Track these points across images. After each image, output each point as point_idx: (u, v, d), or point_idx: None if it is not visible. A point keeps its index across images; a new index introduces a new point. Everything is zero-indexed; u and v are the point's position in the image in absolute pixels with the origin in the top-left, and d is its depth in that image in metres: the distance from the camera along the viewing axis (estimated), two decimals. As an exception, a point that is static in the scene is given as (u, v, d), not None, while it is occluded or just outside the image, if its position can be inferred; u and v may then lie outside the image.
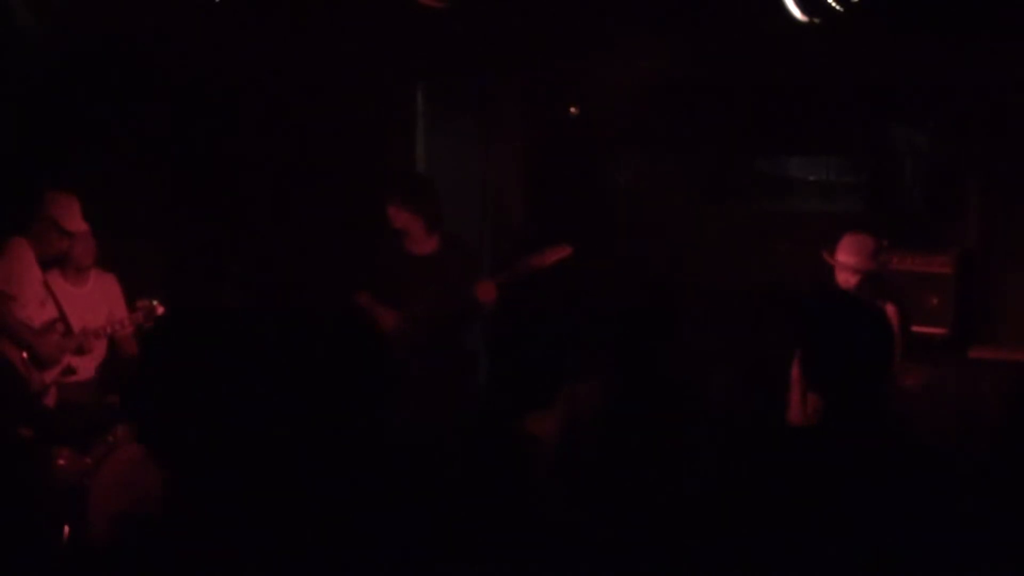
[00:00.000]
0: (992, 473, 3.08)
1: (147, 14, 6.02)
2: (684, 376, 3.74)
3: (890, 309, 5.33)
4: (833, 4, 5.87)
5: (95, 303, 5.69)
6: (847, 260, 5.53)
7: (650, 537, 3.08)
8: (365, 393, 1.87)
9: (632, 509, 3.30)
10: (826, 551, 2.67)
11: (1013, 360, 6.64)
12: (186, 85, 6.60)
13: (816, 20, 5.95)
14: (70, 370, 5.50)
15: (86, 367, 5.65)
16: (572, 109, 8.06)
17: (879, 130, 7.80)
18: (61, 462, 5.18)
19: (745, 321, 7.12)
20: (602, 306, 7.28)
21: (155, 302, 5.65)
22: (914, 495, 2.72)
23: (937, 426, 5.96)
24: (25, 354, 5.37)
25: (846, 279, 5.52)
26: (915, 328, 5.95)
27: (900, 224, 7.09)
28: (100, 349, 5.74)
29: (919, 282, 6.79)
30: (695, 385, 3.76)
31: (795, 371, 5.56)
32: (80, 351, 5.54)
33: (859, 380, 2.81)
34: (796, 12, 5.96)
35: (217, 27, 6.24)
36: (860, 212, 7.73)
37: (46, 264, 5.52)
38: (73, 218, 5.42)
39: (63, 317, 5.52)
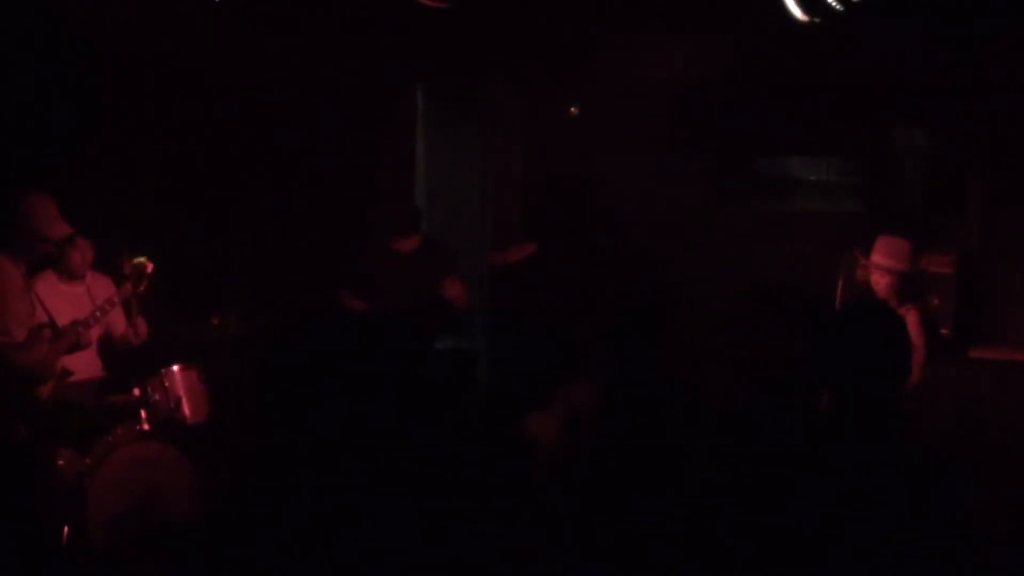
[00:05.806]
0: (992, 473, 3.09)
1: (147, 14, 6.02)
2: (684, 375, 3.75)
3: (914, 314, 5.35)
4: (833, 4, 5.87)
5: (90, 300, 5.60)
6: (883, 261, 5.55)
7: (649, 535, 3.09)
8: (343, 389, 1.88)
9: (631, 508, 3.30)
10: (827, 550, 2.67)
11: (1013, 360, 6.65)
12: (185, 85, 6.60)
13: (816, 20, 5.95)
14: (67, 373, 5.41)
15: (85, 367, 5.61)
16: (572, 109, 8.07)
17: (879, 130, 7.80)
18: (61, 462, 5.17)
19: (745, 321, 7.13)
20: (602, 306, 7.31)
21: (143, 259, 5.49)
22: (918, 496, 2.72)
23: (937, 426, 5.96)
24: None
25: (878, 280, 5.55)
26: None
27: (900, 224, 7.08)
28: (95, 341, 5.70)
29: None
30: (695, 384, 3.77)
31: None
32: (75, 347, 5.41)
33: (872, 383, 2.81)
34: (796, 12, 5.96)
35: (217, 27, 6.24)
36: (861, 212, 7.73)
37: (36, 266, 5.42)
38: (52, 222, 5.20)
39: (51, 323, 5.34)
